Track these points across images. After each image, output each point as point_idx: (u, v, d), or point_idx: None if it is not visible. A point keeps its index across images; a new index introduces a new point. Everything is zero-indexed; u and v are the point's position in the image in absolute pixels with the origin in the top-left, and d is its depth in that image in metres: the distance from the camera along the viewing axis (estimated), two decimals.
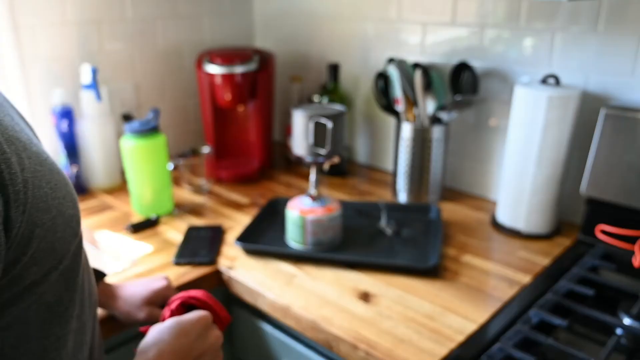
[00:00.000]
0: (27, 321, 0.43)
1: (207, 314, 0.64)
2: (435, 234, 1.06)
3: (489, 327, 0.80)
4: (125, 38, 1.38)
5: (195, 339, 0.59)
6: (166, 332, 0.59)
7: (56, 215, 0.42)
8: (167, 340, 0.58)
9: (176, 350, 0.57)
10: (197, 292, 0.67)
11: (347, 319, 0.82)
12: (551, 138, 1.01)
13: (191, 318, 0.62)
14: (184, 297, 0.66)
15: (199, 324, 0.61)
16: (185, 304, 0.66)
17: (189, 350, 0.58)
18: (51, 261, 0.42)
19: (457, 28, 1.22)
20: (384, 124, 1.43)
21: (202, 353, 0.60)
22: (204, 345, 0.60)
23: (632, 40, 0.98)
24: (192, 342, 0.59)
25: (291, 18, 1.56)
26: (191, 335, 0.59)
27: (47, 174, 0.42)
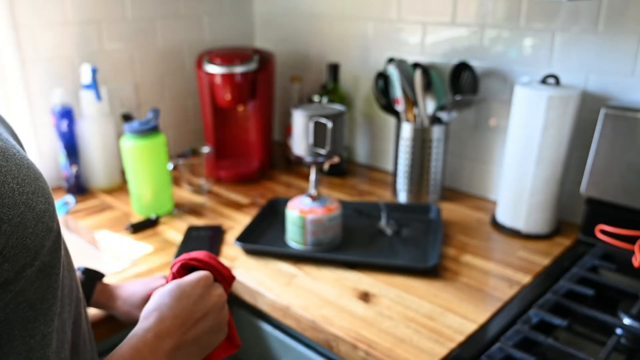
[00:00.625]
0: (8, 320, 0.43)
1: (208, 273, 0.63)
2: (435, 234, 1.06)
3: (488, 327, 0.80)
4: (125, 38, 1.38)
5: (197, 300, 0.59)
6: (167, 295, 0.58)
7: (24, 211, 0.42)
8: (167, 303, 0.57)
9: (177, 313, 0.57)
10: (198, 254, 0.66)
11: (347, 319, 0.82)
12: (551, 138, 1.01)
13: (191, 279, 0.61)
14: (184, 260, 0.65)
15: (199, 284, 0.60)
16: (186, 266, 0.65)
17: (190, 311, 0.58)
18: (24, 258, 0.42)
19: (457, 28, 1.22)
20: (384, 124, 1.43)
21: (205, 314, 0.59)
22: (206, 306, 0.59)
23: (632, 40, 0.98)
24: (193, 303, 0.58)
25: (291, 18, 1.56)
26: (192, 297, 0.59)
27: (14, 169, 0.42)
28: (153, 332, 0.54)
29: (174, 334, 0.55)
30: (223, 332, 0.62)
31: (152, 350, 0.53)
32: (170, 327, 0.56)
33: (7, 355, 0.43)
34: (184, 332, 0.56)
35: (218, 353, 0.63)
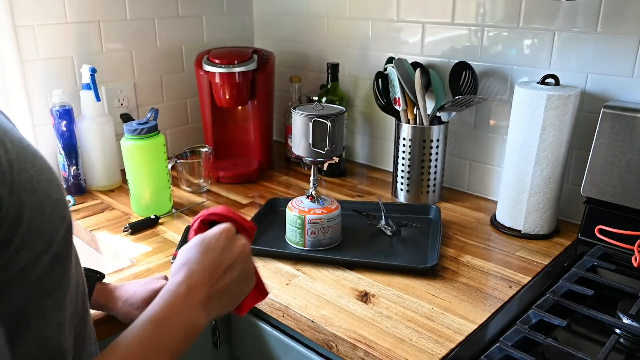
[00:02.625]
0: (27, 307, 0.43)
1: (229, 225, 0.64)
2: (434, 234, 1.06)
3: (488, 327, 0.80)
4: (125, 38, 1.38)
5: (222, 252, 0.60)
6: (192, 250, 0.60)
7: (42, 198, 0.43)
8: (194, 258, 0.59)
9: (205, 266, 0.58)
10: (217, 208, 0.67)
11: (346, 319, 0.82)
12: (551, 138, 1.01)
13: (214, 233, 0.62)
14: (204, 215, 0.66)
15: (222, 237, 0.61)
16: (207, 221, 0.66)
17: (217, 264, 0.59)
18: (41, 244, 0.42)
19: (456, 28, 1.22)
20: (384, 124, 1.43)
21: (231, 264, 0.60)
22: (231, 256, 0.60)
23: (632, 40, 0.98)
24: (218, 255, 0.60)
25: (291, 18, 1.56)
26: (217, 249, 0.60)
27: (31, 158, 0.43)
28: (185, 286, 0.55)
29: (204, 286, 0.56)
30: (251, 281, 0.63)
31: (185, 302, 0.54)
32: (199, 279, 0.57)
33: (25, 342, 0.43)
34: (213, 283, 0.57)
35: (248, 302, 0.65)
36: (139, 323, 0.52)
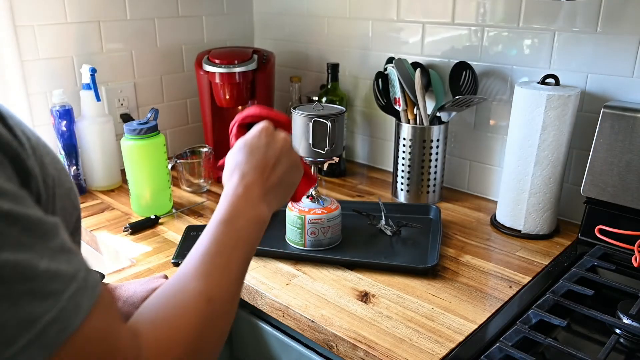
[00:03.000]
0: None
1: (266, 123, 0.66)
2: (434, 234, 1.06)
3: (488, 327, 0.80)
4: (125, 38, 1.38)
5: (266, 149, 0.63)
6: (239, 154, 0.62)
7: (58, 185, 0.43)
8: (242, 160, 0.61)
9: (254, 165, 0.61)
10: (249, 110, 0.70)
11: (346, 319, 0.82)
12: (551, 138, 1.01)
13: (254, 133, 0.65)
14: (240, 119, 0.70)
15: (262, 135, 0.64)
16: (244, 124, 0.70)
17: (265, 160, 0.62)
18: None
19: (456, 28, 1.22)
20: (384, 124, 1.43)
21: (278, 158, 0.63)
22: (276, 151, 0.63)
23: (632, 41, 0.98)
24: (264, 153, 0.62)
25: (291, 18, 1.56)
26: (261, 147, 0.63)
27: (46, 146, 0.44)
28: (241, 187, 0.58)
29: (259, 183, 0.60)
30: (300, 170, 0.67)
31: (246, 201, 0.57)
32: (253, 178, 0.60)
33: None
34: (266, 178, 0.61)
35: (300, 189, 0.70)
36: (209, 228, 0.54)
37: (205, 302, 0.45)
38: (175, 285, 0.47)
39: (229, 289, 0.49)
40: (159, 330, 0.42)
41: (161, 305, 0.44)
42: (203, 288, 0.47)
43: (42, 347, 0.31)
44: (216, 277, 0.48)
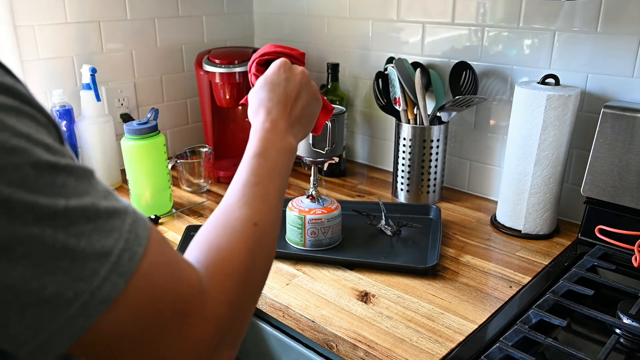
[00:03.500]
0: None
1: (283, 59, 0.70)
2: (434, 234, 1.06)
3: (488, 327, 0.80)
4: (125, 38, 1.38)
5: (286, 83, 0.67)
6: (261, 91, 0.66)
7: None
8: (265, 97, 0.65)
9: (277, 100, 0.65)
10: (265, 47, 0.74)
11: (346, 319, 0.82)
12: (551, 138, 1.01)
13: (273, 70, 0.68)
14: (256, 58, 0.74)
15: (281, 71, 0.68)
16: (261, 63, 0.74)
17: (286, 95, 0.66)
18: None
19: (457, 28, 1.22)
20: (384, 124, 1.43)
21: (298, 91, 0.67)
22: (296, 85, 0.67)
23: (632, 40, 0.98)
24: (284, 87, 0.66)
25: (290, 18, 1.56)
26: (281, 83, 0.66)
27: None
28: (268, 122, 0.63)
29: (283, 116, 0.64)
30: (319, 100, 0.71)
31: (274, 134, 0.61)
32: (277, 113, 0.64)
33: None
34: (289, 111, 0.65)
35: (320, 121, 0.75)
36: (245, 162, 0.58)
37: (252, 226, 0.50)
38: (222, 216, 0.51)
39: (270, 214, 0.53)
40: (214, 255, 0.46)
41: (213, 234, 0.48)
42: (248, 214, 0.51)
43: (120, 275, 0.35)
44: (258, 205, 0.52)
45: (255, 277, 0.48)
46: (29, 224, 0.32)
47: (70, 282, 0.33)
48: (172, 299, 0.39)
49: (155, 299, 0.37)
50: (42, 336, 0.33)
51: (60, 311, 0.33)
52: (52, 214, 0.33)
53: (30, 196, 0.32)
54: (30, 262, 0.32)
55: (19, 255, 0.31)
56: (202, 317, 0.40)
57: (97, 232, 0.35)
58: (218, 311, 0.42)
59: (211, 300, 0.42)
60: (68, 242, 0.33)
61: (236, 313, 0.44)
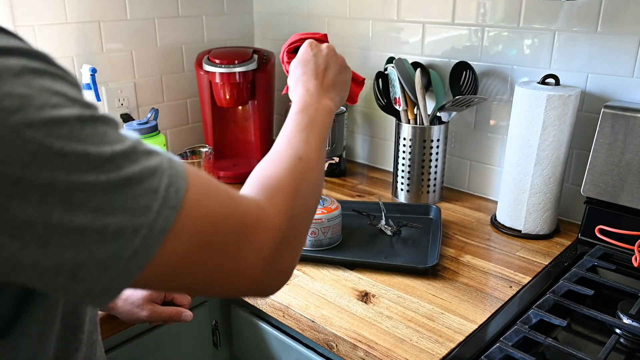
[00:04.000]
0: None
1: (309, 40, 0.78)
2: (435, 234, 1.06)
3: (488, 327, 0.80)
4: (125, 38, 1.38)
5: (315, 58, 0.75)
6: (295, 71, 0.75)
7: None
8: (300, 73, 0.74)
9: (310, 73, 0.73)
10: (291, 38, 0.85)
11: (346, 319, 0.82)
12: (551, 138, 1.01)
13: (302, 51, 0.77)
14: (285, 47, 0.85)
15: (309, 49, 0.76)
16: (291, 51, 0.84)
17: (317, 67, 0.74)
18: None
19: (457, 28, 1.22)
20: (384, 124, 1.43)
21: (327, 62, 0.75)
22: (324, 57, 0.76)
23: (632, 41, 0.98)
24: (315, 62, 0.74)
25: (291, 18, 1.56)
26: (311, 59, 0.75)
27: None
28: (305, 91, 0.70)
29: (318, 85, 0.72)
30: (348, 69, 0.79)
31: (311, 97, 0.69)
32: (312, 83, 0.72)
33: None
34: (322, 80, 0.73)
35: (353, 91, 0.84)
36: (289, 119, 0.65)
37: (297, 160, 0.56)
38: (269, 157, 0.57)
39: (313, 153, 0.60)
40: (264, 181, 0.52)
41: (261, 169, 0.54)
42: (293, 152, 0.58)
43: (171, 207, 0.38)
44: (301, 145, 0.59)
45: (302, 200, 0.52)
46: (84, 172, 0.35)
47: (129, 219, 0.36)
48: (226, 219, 0.42)
49: (209, 222, 0.41)
50: (111, 272, 0.36)
51: (124, 246, 0.36)
52: (102, 160, 0.36)
53: (82, 146, 0.35)
54: (90, 206, 0.35)
55: (80, 202, 0.34)
56: (258, 229, 0.44)
57: (143, 173, 0.38)
58: (273, 222, 0.46)
59: (264, 214, 0.46)
60: (120, 184, 0.36)
61: (289, 225, 0.48)
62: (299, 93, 0.71)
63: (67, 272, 0.35)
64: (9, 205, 0.33)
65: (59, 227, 0.34)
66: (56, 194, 0.34)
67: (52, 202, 0.34)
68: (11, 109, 0.33)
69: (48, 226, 0.34)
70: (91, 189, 0.35)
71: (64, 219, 0.34)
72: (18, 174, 0.33)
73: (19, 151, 0.33)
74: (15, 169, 0.33)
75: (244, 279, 0.44)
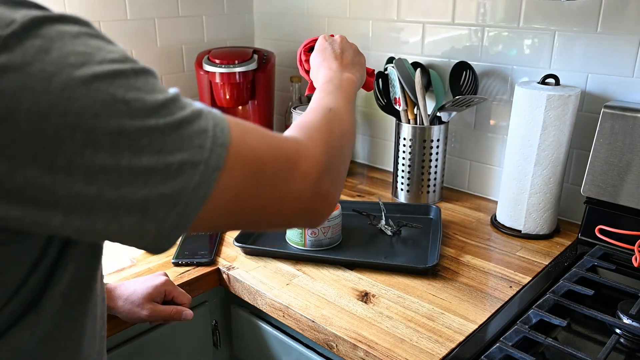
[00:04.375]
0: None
1: (323, 35, 0.87)
2: (435, 234, 1.06)
3: (488, 327, 0.80)
4: (125, 38, 1.38)
5: (331, 47, 0.82)
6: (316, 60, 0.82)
7: None
8: (320, 60, 0.81)
9: (330, 59, 0.80)
10: (306, 41, 0.93)
11: (346, 319, 0.82)
12: (551, 138, 1.01)
13: (318, 43, 0.85)
14: (302, 48, 0.94)
15: (323, 40, 0.85)
16: (307, 50, 0.92)
17: (334, 52, 0.81)
18: None
19: (457, 28, 1.22)
20: (384, 124, 1.43)
21: (342, 47, 0.83)
22: (339, 44, 0.84)
23: (632, 40, 0.98)
24: (331, 49, 0.82)
25: (291, 18, 1.56)
26: (327, 47, 0.83)
27: None
28: (330, 71, 0.77)
29: (339, 64, 0.79)
30: (361, 54, 0.86)
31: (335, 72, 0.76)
32: (335, 64, 0.79)
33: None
34: (340, 61, 0.80)
35: (368, 79, 0.92)
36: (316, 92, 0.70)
37: (327, 110, 0.63)
38: (303, 113, 0.63)
39: (341, 108, 0.65)
40: (302, 125, 0.57)
41: (301, 121, 0.59)
42: (323, 104, 0.64)
43: (220, 145, 0.42)
44: (330, 101, 0.66)
45: (337, 138, 0.58)
46: (144, 117, 0.38)
47: (187, 157, 0.40)
48: (269, 152, 0.47)
49: (255, 156, 0.45)
50: (178, 207, 0.40)
51: (186, 182, 0.40)
52: (157, 106, 0.39)
53: (140, 94, 0.39)
54: (153, 148, 0.38)
55: (145, 145, 0.38)
56: (300, 158, 0.49)
57: (192, 116, 0.41)
58: (312, 152, 0.51)
59: (303, 146, 0.51)
60: (175, 127, 0.40)
61: (328, 156, 0.53)
62: (323, 73, 0.77)
63: (139, 209, 0.39)
64: (83, 154, 0.36)
65: (129, 170, 0.38)
66: (125, 139, 0.37)
67: (122, 147, 0.37)
68: (77, 64, 0.36)
69: (120, 169, 0.37)
70: (152, 132, 0.39)
71: (133, 162, 0.38)
72: (90, 123, 0.36)
73: (88, 101, 0.36)
74: (87, 118, 0.36)
75: (296, 204, 0.49)
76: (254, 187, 0.45)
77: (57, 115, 0.35)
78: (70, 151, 0.36)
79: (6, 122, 0.34)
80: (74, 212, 0.38)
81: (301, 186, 0.48)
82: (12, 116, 0.34)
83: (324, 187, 0.51)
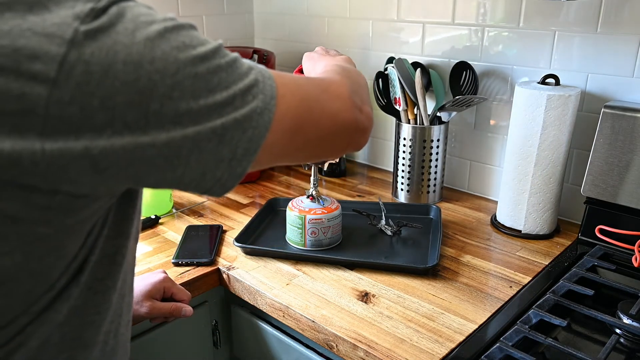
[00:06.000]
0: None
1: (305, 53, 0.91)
2: (435, 234, 1.06)
3: (488, 327, 0.80)
4: None
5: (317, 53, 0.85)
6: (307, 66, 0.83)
7: None
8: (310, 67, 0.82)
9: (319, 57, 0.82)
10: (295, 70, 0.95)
11: (346, 319, 0.82)
12: (551, 138, 1.01)
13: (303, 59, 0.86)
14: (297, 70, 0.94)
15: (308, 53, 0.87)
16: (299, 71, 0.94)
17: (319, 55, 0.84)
18: None
19: (457, 28, 1.22)
20: (384, 124, 1.43)
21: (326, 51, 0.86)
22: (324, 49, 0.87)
23: (632, 41, 0.98)
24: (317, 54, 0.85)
25: (291, 18, 1.56)
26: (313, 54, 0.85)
27: None
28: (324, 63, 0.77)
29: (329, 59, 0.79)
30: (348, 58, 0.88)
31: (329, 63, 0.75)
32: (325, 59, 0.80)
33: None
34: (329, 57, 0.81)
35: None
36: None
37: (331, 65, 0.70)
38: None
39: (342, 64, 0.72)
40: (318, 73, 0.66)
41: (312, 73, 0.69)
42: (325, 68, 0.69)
43: (268, 78, 0.49)
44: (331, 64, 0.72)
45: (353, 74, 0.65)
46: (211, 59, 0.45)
47: (248, 106, 0.46)
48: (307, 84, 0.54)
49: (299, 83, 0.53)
50: (248, 132, 0.46)
51: (253, 109, 0.46)
52: (214, 50, 0.46)
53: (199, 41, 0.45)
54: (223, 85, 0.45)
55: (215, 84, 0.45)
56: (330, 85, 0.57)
57: (237, 56, 0.48)
58: (335, 79, 0.59)
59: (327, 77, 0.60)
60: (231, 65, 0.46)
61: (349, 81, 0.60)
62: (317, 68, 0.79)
63: (218, 135, 0.45)
64: (172, 96, 0.42)
65: (207, 106, 0.44)
66: (201, 80, 0.44)
67: (200, 89, 0.43)
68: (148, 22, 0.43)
69: (200, 107, 0.44)
70: (220, 71, 0.45)
71: (209, 100, 0.44)
72: (173, 67, 0.42)
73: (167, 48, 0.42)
74: (170, 62, 0.42)
75: (344, 117, 0.56)
76: (307, 111, 0.52)
77: (147, 62, 0.41)
78: (161, 93, 0.41)
79: (108, 74, 0.40)
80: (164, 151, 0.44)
81: (340, 104, 0.56)
82: (113, 67, 0.40)
83: (357, 102, 0.58)
